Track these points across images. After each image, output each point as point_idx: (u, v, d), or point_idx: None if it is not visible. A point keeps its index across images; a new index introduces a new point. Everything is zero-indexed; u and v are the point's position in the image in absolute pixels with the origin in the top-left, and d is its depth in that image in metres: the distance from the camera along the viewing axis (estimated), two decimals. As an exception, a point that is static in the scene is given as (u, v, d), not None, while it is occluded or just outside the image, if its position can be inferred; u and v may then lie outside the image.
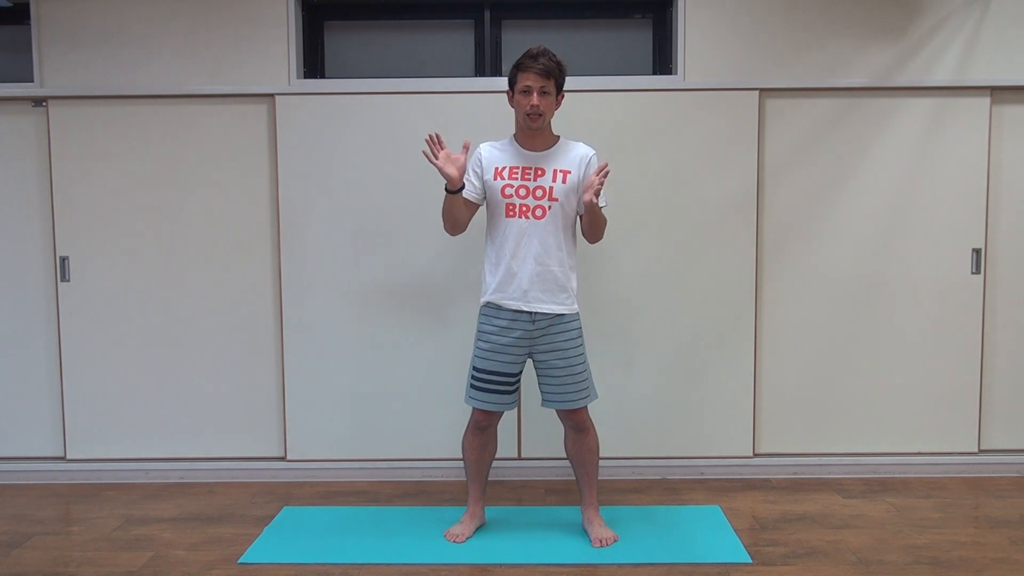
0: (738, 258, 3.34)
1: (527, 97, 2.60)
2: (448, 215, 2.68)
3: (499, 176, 2.67)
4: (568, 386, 2.68)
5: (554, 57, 2.60)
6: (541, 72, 2.57)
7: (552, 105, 2.65)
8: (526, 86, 2.59)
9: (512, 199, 2.64)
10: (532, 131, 2.66)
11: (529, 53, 2.60)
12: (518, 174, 2.66)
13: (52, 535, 2.88)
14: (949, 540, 2.75)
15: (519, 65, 2.61)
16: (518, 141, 2.71)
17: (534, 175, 2.65)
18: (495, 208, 2.69)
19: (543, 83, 2.58)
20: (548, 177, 2.64)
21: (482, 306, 2.72)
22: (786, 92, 3.32)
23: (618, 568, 2.55)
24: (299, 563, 2.60)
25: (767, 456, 3.43)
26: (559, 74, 2.62)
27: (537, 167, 2.66)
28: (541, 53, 2.59)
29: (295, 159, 3.33)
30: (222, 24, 3.32)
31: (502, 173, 2.67)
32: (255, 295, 3.40)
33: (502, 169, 2.67)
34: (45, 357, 3.45)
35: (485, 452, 2.80)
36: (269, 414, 3.44)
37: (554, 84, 2.61)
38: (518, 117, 2.67)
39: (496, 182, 2.67)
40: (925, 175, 3.35)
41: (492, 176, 2.68)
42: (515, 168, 2.66)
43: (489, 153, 2.72)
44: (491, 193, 2.68)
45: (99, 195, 3.37)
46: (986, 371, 3.42)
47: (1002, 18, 3.29)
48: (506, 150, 2.71)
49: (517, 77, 2.62)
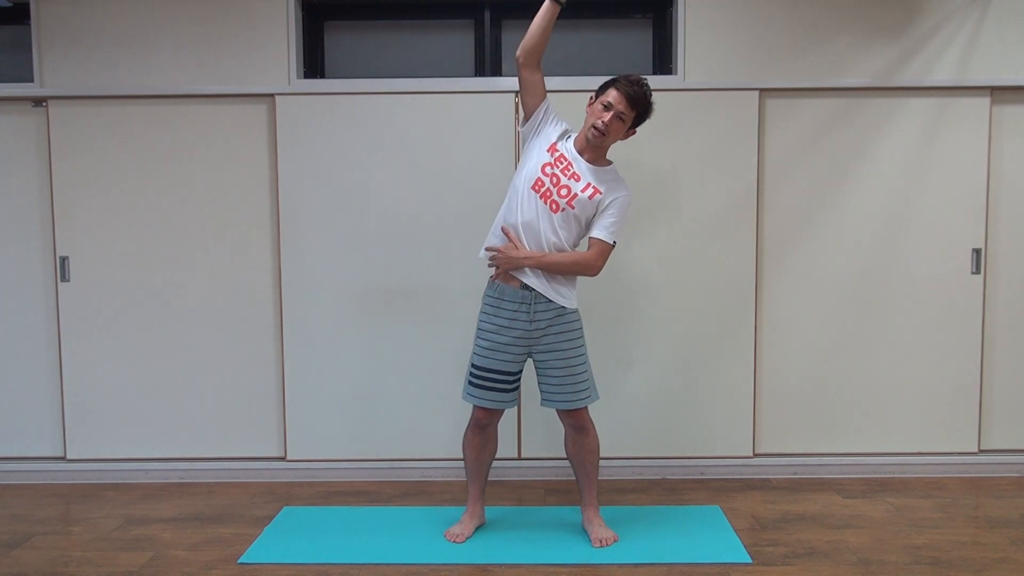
0: (738, 258, 3.34)
1: (605, 112, 2.61)
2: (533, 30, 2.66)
3: (551, 151, 2.67)
4: (567, 386, 2.68)
5: (650, 95, 2.64)
6: (630, 99, 2.59)
7: (620, 132, 2.66)
8: (609, 103, 2.60)
9: (542, 178, 2.64)
10: (592, 147, 2.67)
11: (631, 79, 2.62)
12: (561, 164, 2.66)
13: (52, 535, 2.88)
14: (949, 540, 2.75)
15: (615, 82, 2.62)
16: (577, 143, 2.71)
17: (571, 176, 2.65)
18: (525, 177, 2.67)
19: (624, 109, 2.60)
20: (580, 185, 2.64)
21: (487, 287, 2.73)
22: (786, 92, 3.32)
23: (618, 568, 2.55)
24: (299, 563, 2.60)
25: (767, 456, 3.43)
26: (644, 110, 2.65)
27: (578, 172, 2.66)
28: (644, 85, 2.62)
29: (295, 159, 3.33)
30: (222, 24, 3.32)
31: (553, 150, 2.67)
32: (255, 295, 3.40)
33: (553, 148, 2.67)
34: (45, 357, 3.45)
35: (485, 451, 2.81)
36: (269, 414, 3.44)
37: (633, 116, 2.63)
38: (585, 124, 2.67)
39: (544, 154, 2.67)
40: (925, 175, 3.35)
41: (547, 145, 2.68)
42: (563, 158, 2.66)
43: (560, 129, 2.72)
44: (534, 151, 2.69)
45: (99, 195, 3.37)
46: (986, 371, 3.42)
47: (1002, 18, 3.30)
48: (569, 143, 2.71)
49: (607, 91, 2.63)
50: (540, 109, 2.71)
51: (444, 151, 3.30)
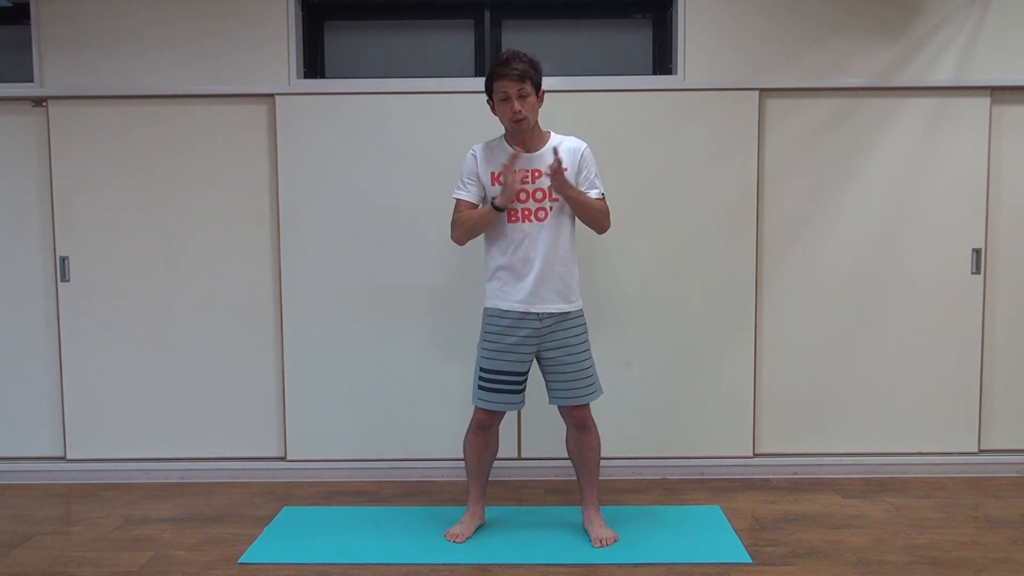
0: (738, 258, 3.34)
1: (508, 104, 2.58)
2: (474, 229, 2.67)
3: (496, 182, 2.66)
4: (577, 382, 2.68)
5: (525, 57, 2.58)
6: (516, 77, 2.55)
7: (535, 106, 2.63)
8: (504, 93, 2.57)
9: (513, 204, 2.63)
10: (522, 134, 2.65)
11: (500, 60, 2.58)
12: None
13: (52, 535, 2.88)
14: (949, 540, 2.75)
15: (493, 74, 2.59)
16: (509, 143, 2.69)
17: (531, 177, 2.64)
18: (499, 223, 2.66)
19: (520, 87, 2.56)
20: (545, 178, 2.63)
21: (486, 310, 2.72)
22: (786, 92, 3.32)
23: (618, 568, 2.55)
24: (299, 563, 2.60)
25: (767, 456, 3.43)
26: (534, 74, 2.60)
27: (533, 169, 2.65)
28: (512, 57, 2.57)
29: (295, 159, 3.33)
30: (222, 24, 3.32)
31: (499, 179, 2.65)
32: (255, 295, 3.40)
33: (499, 175, 2.65)
34: (45, 357, 3.45)
35: (486, 452, 2.80)
36: (269, 414, 3.44)
37: (531, 85, 2.59)
38: (504, 124, 2.66)
39: (494, 187, 2.66)
40: (925, 175, 3.35)
41: (490, 182, 2.67)
42: (510, 172, 2.63)
43: (483, 157, 2.70)
44: (491, 197, 2.67)
45: (99, 195, 3.37)
46: (986, 371, 3.42)
47: (1002, 18, 3.29)
48: (500, 154, 2.68)
49: (494, 86, 2.60)
50: (475, 179, 2.69)
51: (444, 151, 3.29)
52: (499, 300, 2.67)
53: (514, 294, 2.64)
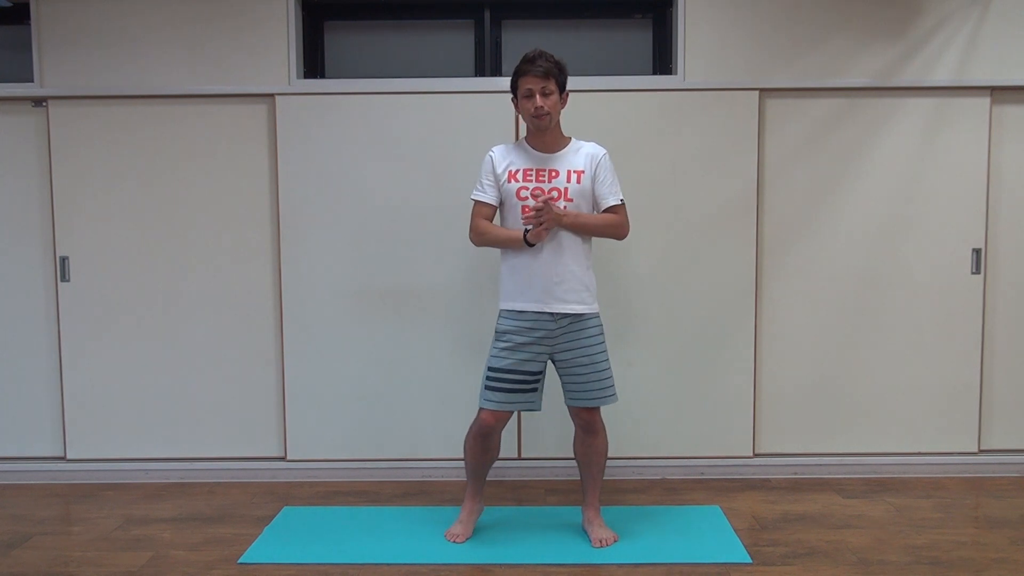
0: (738, 258, 3.34)
1: (531, 100, 2.61)
2: (496, 244, 2.71)
3: (513, 179, 2.67)
4: (589, 384, 2.68)
5: (551, 57, 2.62)
6: (540, 74, 2.59)
7: (557, 104, 2.65)
8: (528, 90, 2.61)
9: (528, 201, 2.64)
10: (542, 131, 2.67)
11: (526, 58, 2.62)
12: (532, 176, 2.66)
13: (52, 535, 2.88)
14: (949, 540, 2.75)
15: (518, 71, 2.64)
16: (529, 143, 2.72)
17: (548, 176, 2.66)
18: (511, 211, 2.68)
19: (544, 84, 2.60)
20: (563, 178, 2.65)
21: (501, 311, 2.71)
22: (786, 92, 3.32)
23: (618, 568, 2.55)
24: (299, 563, 2.60)
25: (767, 456, 3.43)
26: (559, 73, 2.64)
27: (551, 168, 2.67)
28: (538, 55, 2.61)
29: (295, 159, 3.33)
30: (222, 24, 3.32)
31: (516, 175, 2.67)
32: (255, 295, 3.40)
33: (516, 171, 2.67)
34: (45, 357, 3.45)
35: (486, 456, 2.78)
36: (269, 414, 3.44)
37: (555, 84, 2.63)
38: (526, 121, 2.69)
39: (511, 184, 2.67)
40: (925, 175, 3.35)
41: (507, 179, 2.68)
42: (529, 170, 2.67)
43: (502, 155, 2.72)
44: (506, 196, 2.68)
45: (99, 195, 3.37)
46: (986, 371, 3.42)
47: (1002, 18, 3.29)
48: (519, 152, 2.71)
49: (518, 83, 2.64)
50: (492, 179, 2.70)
51: (444, 151, 3.30)
52: (515, 300, 2.67)
53: (530, 294, 2.64)
